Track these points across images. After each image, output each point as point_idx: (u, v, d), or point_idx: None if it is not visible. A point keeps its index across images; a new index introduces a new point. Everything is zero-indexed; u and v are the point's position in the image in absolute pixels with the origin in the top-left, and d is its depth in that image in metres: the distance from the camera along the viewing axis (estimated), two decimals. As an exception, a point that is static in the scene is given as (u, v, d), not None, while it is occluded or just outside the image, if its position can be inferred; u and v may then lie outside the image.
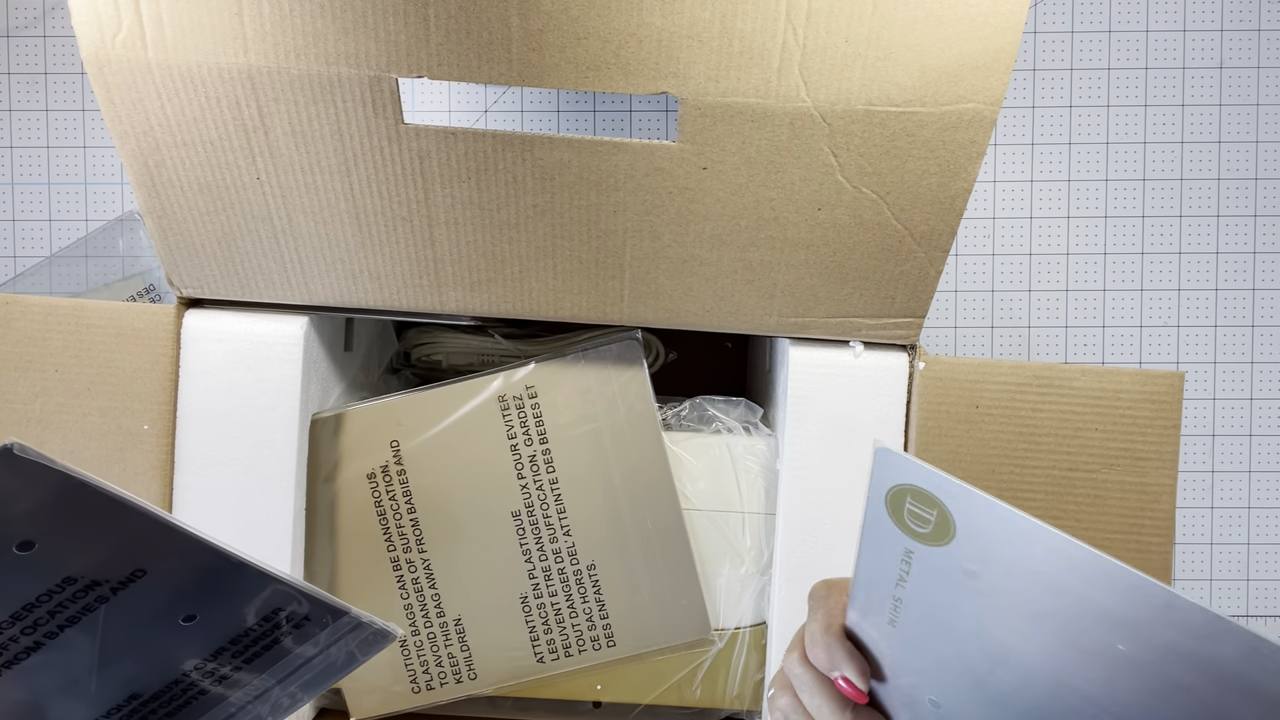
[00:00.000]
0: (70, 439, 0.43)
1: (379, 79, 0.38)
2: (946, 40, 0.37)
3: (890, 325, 0.44)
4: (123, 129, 0.40)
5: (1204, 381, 0.64)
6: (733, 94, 0.38)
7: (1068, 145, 0.64)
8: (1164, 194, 0.64)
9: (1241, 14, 0.63)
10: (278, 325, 0.44)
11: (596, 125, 0.64)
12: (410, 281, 0.43)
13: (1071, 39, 0.63)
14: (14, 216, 0.64)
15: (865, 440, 0.44)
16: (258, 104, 0.39)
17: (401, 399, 0.46)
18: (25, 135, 0.63)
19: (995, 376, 0.43)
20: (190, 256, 0.43)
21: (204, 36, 0.38)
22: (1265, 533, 0.64)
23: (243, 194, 0.41)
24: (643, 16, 0.37)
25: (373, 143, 0.40)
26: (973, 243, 0.64)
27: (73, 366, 0.43)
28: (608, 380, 0.46)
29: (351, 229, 0.42)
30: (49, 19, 0.63)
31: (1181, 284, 0.64)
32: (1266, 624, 0.64)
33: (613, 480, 0.46)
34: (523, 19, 0.37)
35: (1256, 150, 0.63)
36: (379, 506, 0.46)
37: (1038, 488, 0.43)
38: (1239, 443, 0.64)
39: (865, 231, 0.41)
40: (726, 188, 0.40)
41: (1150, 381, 0.43)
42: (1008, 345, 0.64)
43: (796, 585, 0.44)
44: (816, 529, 0.44)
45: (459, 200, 0.41)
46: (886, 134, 0.39)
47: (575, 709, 0.49)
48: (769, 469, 0.47)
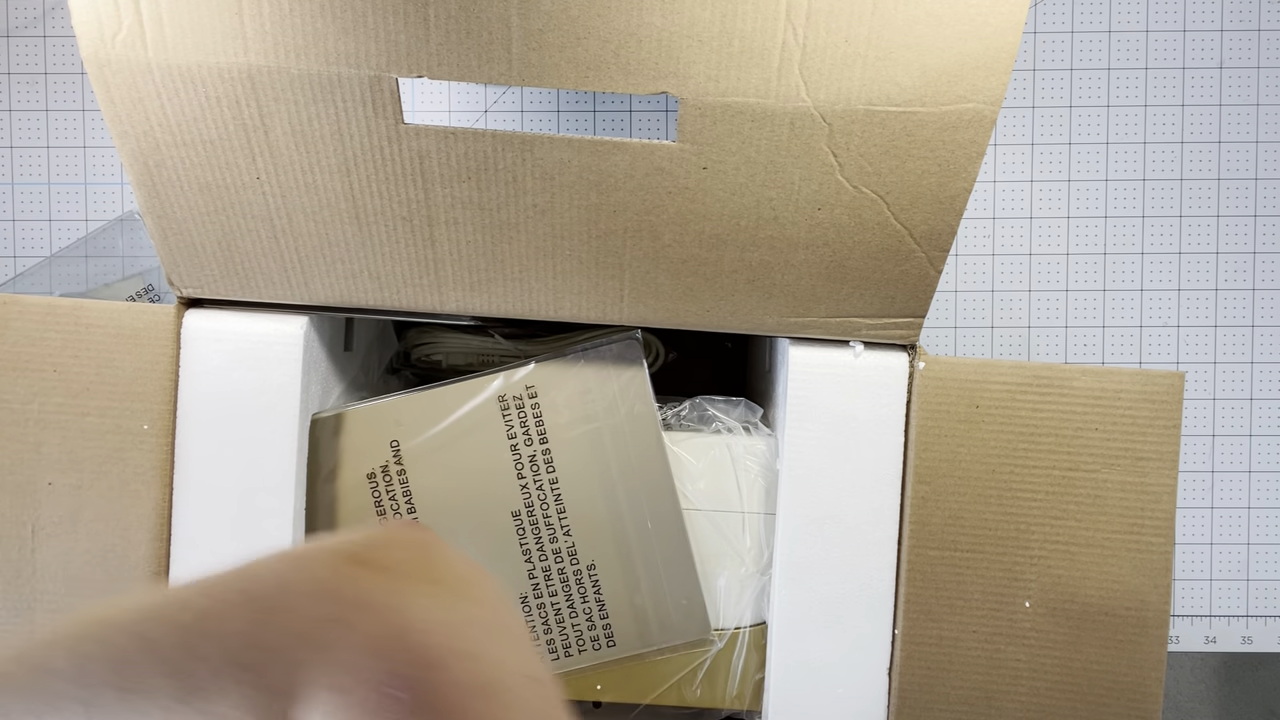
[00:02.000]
0: (69, 439, 0.43)
1: (379, 79, 0.38)
2: (946, 40, 0.37)
3: (890, 325, 0.44)
4: (123, 129, 0.40)
5: (1204, 381, 0.64)
6: (733, 94, 0.38)
7: (1068, 145, 0.64)
8: (1164, 194, 0.64)
9: (1241, 14, 0.63)
10: (278, 325, 0.44)
11: (596, 125, 0.64)
12: (410, 281, 0.43)
13: (1071, 39, 0.63)
14: (14, 216, 0.64)
15: (865, 440, 0.44)
16: (258, 104, 0.39)
17: (401, 399, 0.46)
18: (25, 135, 0.63)
19: (995, 376, 0.43)
20: (190, 256, 0.43)
21: (204, 36, 0.38)
22: (1265, 533, 0.64)
23: (243, 194, 0.41)
24: (643, 16, 0.37)
25: (373, 143, 0.40)
26: (973, 243, 0.64)
27: (72, 366, 0.43)
28: (608, 380, 0.46)
29: (351, 229, 0.42)
30: (49, 19, 0.63)
31: (1181, 284, 0.64)
32: (1266, 624, 0.64)
33: (613, 480, 0.46)
34: (523, 19, 0.37)
35: (1256, 150, 0.63)
36: (379, 506, 0.46)
37: (1038, 488, 0.43)
38: (1239, 443, 0.64)
39: (865, 231, 0.41)
40: (726, 188, 0.40)
41: (1150, 381, 0.43)
42: (1008, 345, 0.64)
43: (796, 585, 0.44)
44: (816, 529, 0.44)
45: (459, 200, 0.41)
46: (886, 134, 0.39)
47: (575, 709, 0.49)
48: (769, 469, 0.47)
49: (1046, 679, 0.43)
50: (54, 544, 0.43)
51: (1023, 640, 0.43)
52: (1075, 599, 0.43)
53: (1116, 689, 0.43)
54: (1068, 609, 0.43)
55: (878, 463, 0.44)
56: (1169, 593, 0.43)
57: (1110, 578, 0.43)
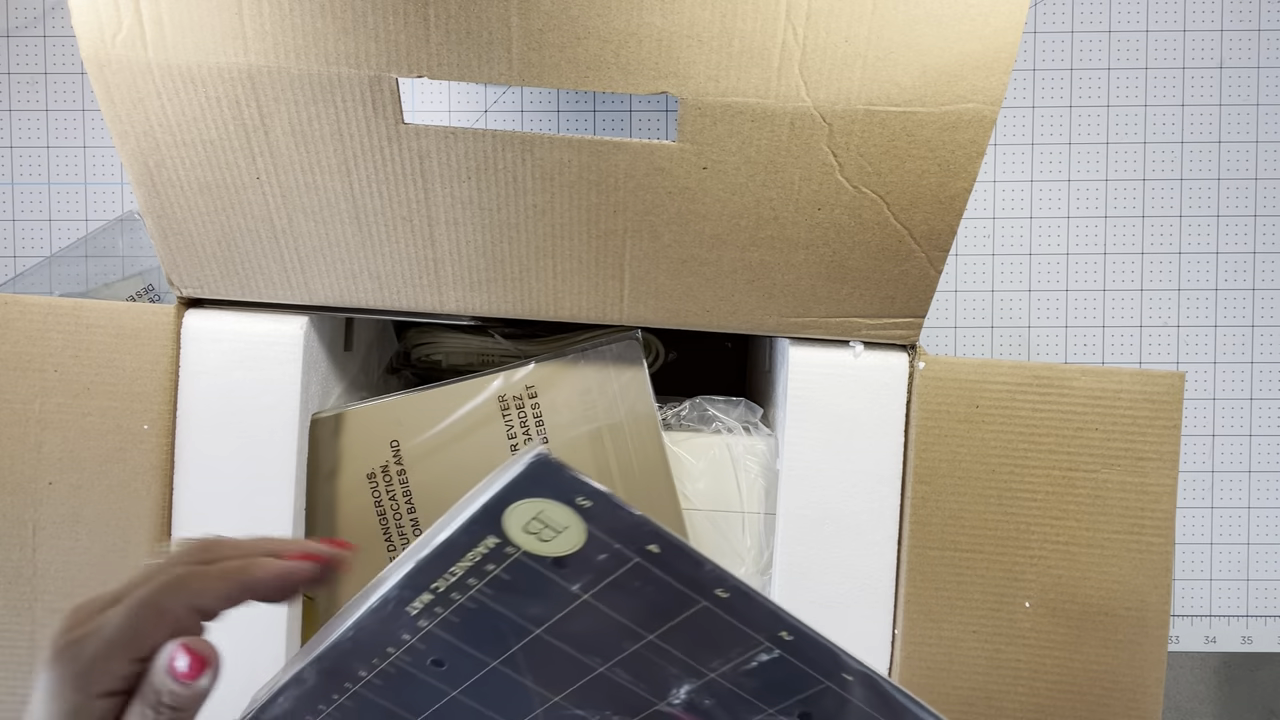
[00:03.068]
0: (70, 439, 0.43)
1: (379, 79, 0.38)
2: (946, 40, 0.37)
3: (890, 325, 0.44)
4: (123, 129, 0.40)
5: (1204, 381, 0.64)
6: (733, 94, 0.38)
7: (1068, 145, 0.64)
8: (1164, 194, 0.64)
9: (1241, 14, 0.63)
10: (278, 325, 0.44)
11: (596, 125, 0.64)
12: (410, 281, 0.43)
13: (1071, 39, 0.63)
14: (14, 216, 0.64)
15: (865, 440, 0.44)
16: (258, 104, 0.39)
17: (401, 399, 0.46)
18: (25, 135, 0.63)
19: (995, 376, 0.43)
20: (190, 256, 0.43)
21: (204, 36, 0.38)
22: (1265, 533, 0.64)
23: (243, 194, 0.41)
24: (643, 16, 0.37)
25: (373, 143, 0.40)
26: (973, 243, 0.64)
27: (72, 366, 0.43)
28: (608, 380, 0.46)
29: (351, 229, 0.42)
30: (49, 19, 0.63)
31: (1181, 284, 0.64)
32: (1266, 624, 0.64)
33: (613, 480, 0.46)
34: (523, 19, 0.37)
35: (1256, 150, 0.63)
36: (379, 506, 0.46)
37: (1038, 488, 0.43)
38: (1239, 443, 0.64)
39: (865, 231, 0.41)
40: (726, 188, 0.40)
41: (1150, 381, 0.43)
42: (1008, 345, 0.64)
43: (797, 585, 0.44)
44: (816, 529, 0.44)
45: (459, 200, 0.41)
46: (886, 134, 0.39)
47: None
48: (769, 469, 0.47)
49: (1046, 679, 0.43)
50: (54, 544, 0.43)
51: (1023, 640, 0.43)
52: (1075, 599, 0.43)
53: (1116, 689, 0.43)
54: (1068, 609, 0.43)
55: (878, 463, 0.44)
56: (1169, 593, 0.43)
57: (1110, 578, 0.43)
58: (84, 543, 0.43)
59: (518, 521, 0.25)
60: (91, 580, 0.43)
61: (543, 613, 0.27)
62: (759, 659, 0.28)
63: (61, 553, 0.43)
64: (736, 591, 0.27)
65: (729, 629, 0.27)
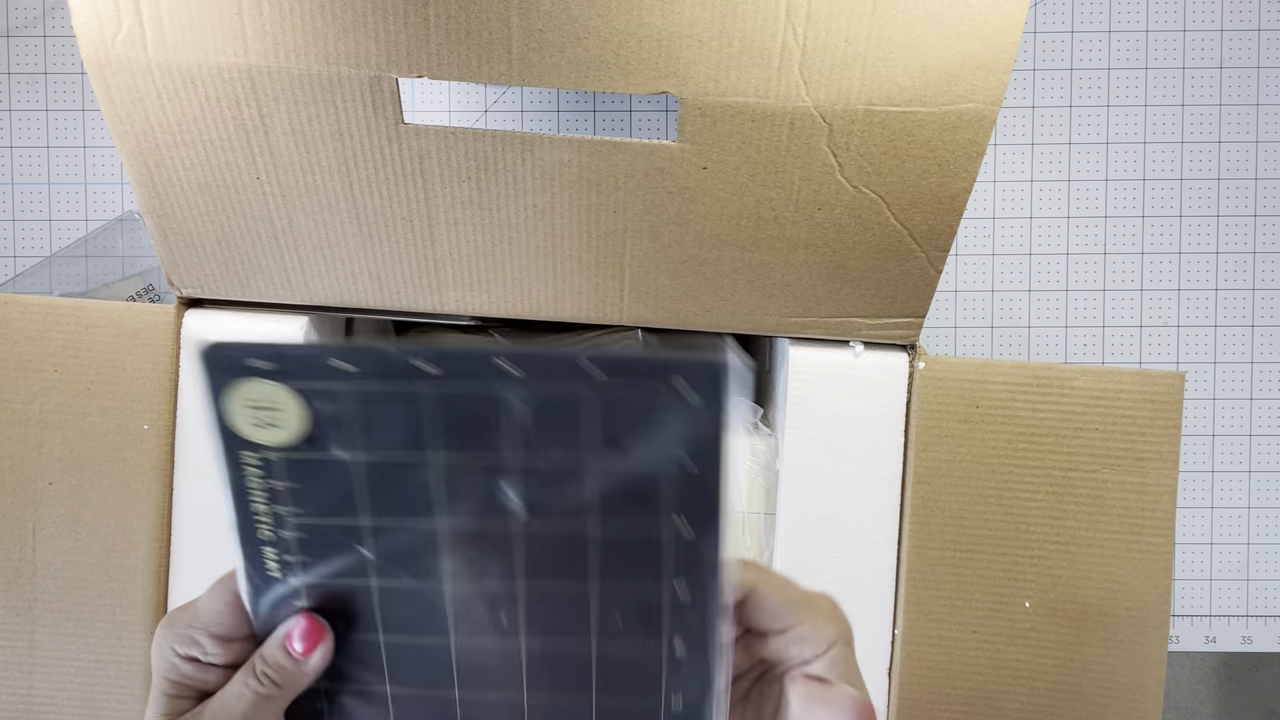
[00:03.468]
0: (70, 439, 0.43)
1: (379, 79, 0.38)
2: (946, 40, 0.37)
3: (890, 325, 0.44)
4: (123, 129, 0.40)
5: (1204, 381, 0.64)
6: (733, 94, 0.38)
7: (1068, 145, 0.64)
8: (1164, 194, 0.64)
9: (1241, 14, 0.63)
10: (278, 325, 0.44)
11: (596, 125, 0.64)
12: (410, 281, 0.43)
13: (1071, 39, 0.63)
14: (14, 216, 0.64)
15: (865, 440, 0.44)
16: (258, 104, 0.39)
17: (401, 399, 0.46)
18: (25, 135, 0.63)
19: (995, 376, 0.43)
20: (190, 256, 0.43)
21: (204, 36, 0.38)
22: (1265, 533, 0.64)
23: (243, 194, 0.41)
24: (643, 16, 0.37)
25: (373, 143, 0.40)
26: (973, 243, 0.64)
27: (72, 366, 0.43)
28: (608, 380, 0.46)
29: (351, 229, 0.42)
30: (49, 19, 0.63)
31: (1181, 284, 0.64)
32: (1266, 624, 0.64)
33: (613, 480, 0.46)
34: (523, 19, 0.37)
35: (1256, 150, 0.63)
36: (379, 506, 0.46)
37: (1038, 488, 0.43)
38: (1239, 443, 0.64)
39: (865, 231, 0.41)
40: (726, 188, 0.40)
41: (1150, 381, 0.43)
42: (1008, 345, 0.64)
43: (796, 585, 0.44)
44: (816, 529, 0.44)
45: (459, 200, 0.41)
46: (886, 134, 0.39)
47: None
48: (769, 469, 0.47)
49: (1046, 679, 0.43)
50: (54, 544, 0.43)
51: (1023, 640, 0.43)
52: (1075, 599, 0.43)
53: (1116, 689, 0.43)
54: (1068, 609, 0.43)
55: (878, 463, 0.44)
56: (1169, 593, 0.43)
57: (1110, 578, 0.43)
58: (84, 543, 0.43)
59: (244, 422, 0.24)
60: (91, 580, 0.43)
61: (341, 493, 0.25)
62: (523, 414, 0.24)
63: (61, 553, 0.43)
64: (440, 358, 0.24)
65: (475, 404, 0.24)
